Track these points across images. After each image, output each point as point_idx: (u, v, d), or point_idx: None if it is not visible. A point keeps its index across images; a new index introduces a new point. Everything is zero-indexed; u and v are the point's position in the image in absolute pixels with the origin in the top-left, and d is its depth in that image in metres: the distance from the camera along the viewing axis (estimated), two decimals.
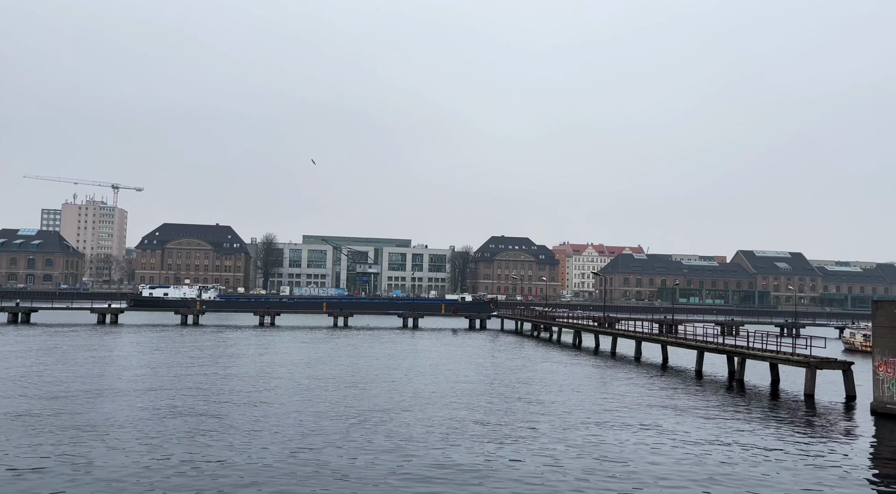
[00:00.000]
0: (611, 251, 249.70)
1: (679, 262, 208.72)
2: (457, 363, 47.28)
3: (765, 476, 19.13)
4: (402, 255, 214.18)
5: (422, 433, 23.48)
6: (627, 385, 37.61)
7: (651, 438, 23.61)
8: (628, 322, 73.19)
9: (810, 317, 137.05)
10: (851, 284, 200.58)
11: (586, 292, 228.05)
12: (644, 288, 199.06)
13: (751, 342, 44.98)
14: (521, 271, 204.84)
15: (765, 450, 22.40)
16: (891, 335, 30.42)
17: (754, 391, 36.97)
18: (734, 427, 26.21)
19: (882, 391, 30.53)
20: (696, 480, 18.52)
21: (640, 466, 19.83)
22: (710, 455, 21.47)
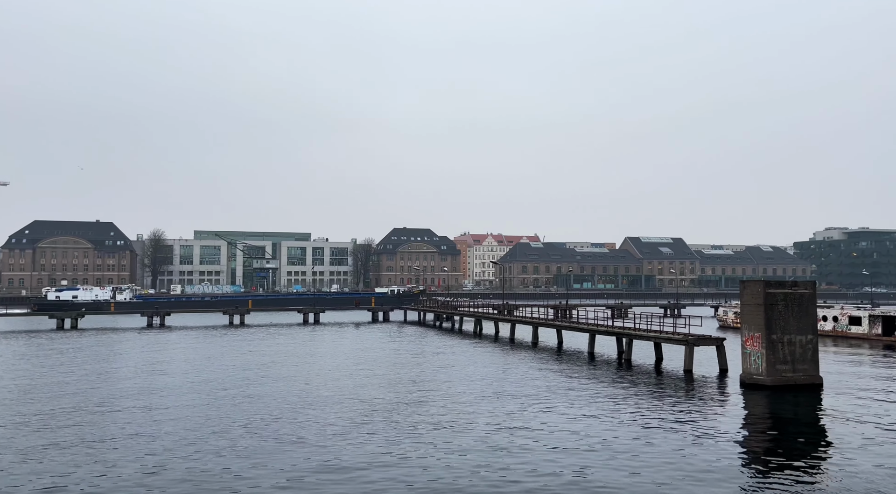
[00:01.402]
0: (509, 241, 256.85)
1: (573, 249, 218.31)
2: (358, 357, 46.90)
3: (647, 445, 20.47)
4: (301, 249, 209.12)
5: (315, 433, 23.08)
6: (525, 369, 38.93)
7: (547, 418, 24.59)
8: (526, 309, 75.70)
9: (690, 298, 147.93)
10: (725, 266, 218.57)
11: (487, 281, 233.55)
12: (541, 275, 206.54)
13: (637, 323, 47.94)
14: (424, 262, 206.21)
15: (647, 422, 23.98)
16: (756, 311, 33.46)
17: (641, 369, 39.43)
18: (622, 403, 27.84)
19: (749, 363, 33.55)
20: (585, 451, 19.51)
21: (537, 445, 20.61)
22: (598, 429, 22.70)
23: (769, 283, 33.81)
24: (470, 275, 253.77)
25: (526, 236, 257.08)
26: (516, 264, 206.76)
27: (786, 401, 29.18)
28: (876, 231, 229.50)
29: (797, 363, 32.77)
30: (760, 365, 32.75)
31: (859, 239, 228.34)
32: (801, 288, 33.86)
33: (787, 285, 33.86)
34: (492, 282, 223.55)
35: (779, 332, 32.67)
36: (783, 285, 33.90)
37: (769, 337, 32.58)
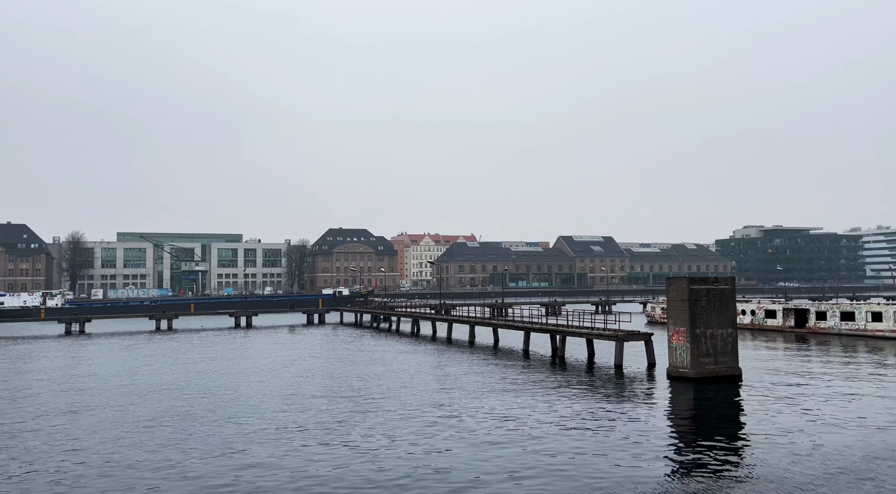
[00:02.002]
0: (446, 241, 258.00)
1: (509, 249, 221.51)
2: (291, 360, 45.94)
3: (579, 439, 21.00)
4: (232, 251, 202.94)
5: (244, 439, 22.46)
6: (463, 368, 39.17)
7: (482, 415, 24.83)
8: (463, 308, 76.23)
9: (620, 295, 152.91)
10: (653, 263, 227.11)
11: (425, 281, 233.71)
12: (478, 274, 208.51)
13: (570, 320, 49.12)
14: (361, 262, 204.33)
15: (579, 417, 24.61)
16: (681, 307, 34.91)
17: (573, 365, 40.42)
18: (555, 399, 28.45)
19: (675, 357, 34.97)
20: (518, 446, 19.82)
21: (472, 442, 20.76)
22: (532, 424, 23.11)
23: (693, 279, 35.34)
24: (407, 275, 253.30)
25: (463, 236, 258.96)
26: (453, 264, 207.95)
27: (708, 392, 30.58)
28: (789, 229, 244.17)
29: (719, 355, 34.41)
30: (685, 358, 34.18)
31: (774, 237, 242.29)
32: (722, 284, 35.58)
33: (710, 282, 35.48)
34: (429, 282, 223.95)
35: (702, 326, 34.21)
36: (706, 281, 35.51)
37: (693, 331, 34.07)
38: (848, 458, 18.86)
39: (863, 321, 57.51)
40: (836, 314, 59.94)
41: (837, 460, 18.70)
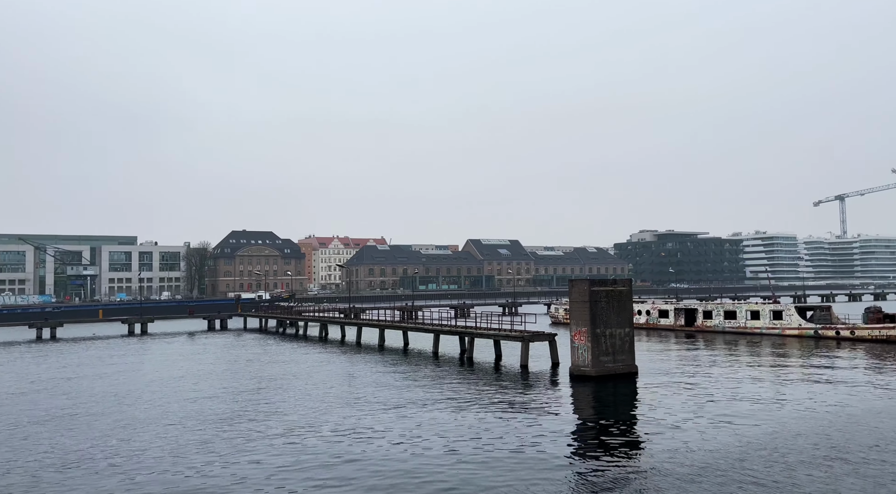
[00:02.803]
0: (356, 243, 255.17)
1: (419, 251, 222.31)
2: (188, 369, 43.77)
3: (486, 439, 21.40)
4: (126, 254, 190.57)
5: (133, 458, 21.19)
6: (372, 372, 38.86)
7: (392, 418, 24.74)
8: (373, 312, 75.67)
9: (526, 296, 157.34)
10: (556, 265, 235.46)
11: (334, 285, 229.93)
12: (388, 278, 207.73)
13: (478, 322, 50.00)
14: (266, 266, 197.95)
15: (486, 417, 25.08)
16: (582, 308, 36.44)
17: (482, 366, 41.14)
18: (463, 399, 28.83)
19: (577, 356, 36.44)
20: (427, 448, 19.92)
21: (381, 446, 20.64)
22: (440, 425, 23.31)
23: (593, 281, 37.00)
24: (315, 279, 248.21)
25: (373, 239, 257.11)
26: (363, 267, 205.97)
27: (608, 389, 32.09)
28: (680, 233, 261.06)
29: (617, 354, 36.20)
30: (587, 357, 35.70)
31: (667, 241, 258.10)
32: (620, 286, 37.49)
33: (609, 284, 37.28)
34: (338, 285, 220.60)
35: (602, 326, 35.87)
36: (605, 283, 37.27)
37: (594, 331, 35.64)
38: (733, 447, 20.39)
39: (743, 319, 62.40)
40: (721, 313, 64.69)
41: (725, 449, 20.16)
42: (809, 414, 24.92)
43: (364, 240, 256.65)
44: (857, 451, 19.30)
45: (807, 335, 56.47)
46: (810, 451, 19.33)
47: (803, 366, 39.34)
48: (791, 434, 21.62)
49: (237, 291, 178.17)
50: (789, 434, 21.56)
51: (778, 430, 22.33)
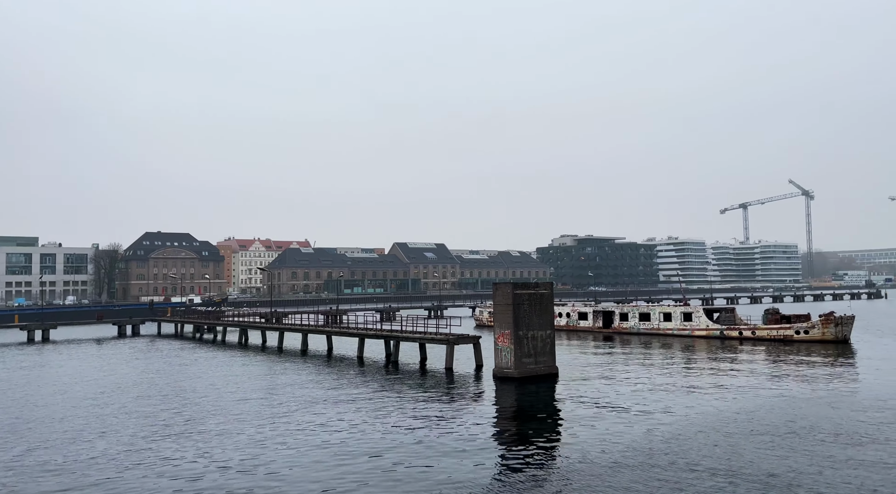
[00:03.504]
0: (279, 246, 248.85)
1: (344, 254, 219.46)
2: (95, 379, 41.33)
3: (409, 441, 21.44)
4: (26, 256, 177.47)
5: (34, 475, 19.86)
6: (294, 378, 38.03)
7: (314, 424, 24.33)
8: (295, 316, 74.07)
9: (451, 299, 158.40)
10: (481, 269, 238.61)
11: (255, 288, 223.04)
12: (312, 281, 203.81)
13: (404, 325, 49.95)
14: (182, 269, 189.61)
15: (410, 419, 25.13)
16: (506, 311, 37.13)
17: (407, 369, 41.13)
18: (388, 403, 28.74)
19: (501, 358, 37.08)
20: (350, 453, 19.75)
21: (304, 452, 20.26)
22: (364, 430, 23.15)
23: (516, 285, 37.80)
24: (235, 282, 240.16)
25: (296, 242, 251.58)
26: (286, 270, 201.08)
27: (530, 390, 32.86)
28: (599, 238, 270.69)
29: (539, 355, 37.12)
30: (509, 359, 36.40)
31: (586, 245, 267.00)
32: (542, 289, 38.48)
33: (531, 287, 38.19)
34: (259, 289, 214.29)
35: (524, 328, 36.68)
36: (527, 286, 38.16)
37: (517, 334, 36.40)
38: (643, 445, 21.37)
39: (657, 321, 65.49)
40: (636, 316, 67.60)
41: (636, 447, 21.10)
42: (712, 411, 26.49)
43: (287, 242, 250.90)
44: (752, 447, 20.67)
45: (713, 336, 59.94)
46: (710, 448, 20.51)
47: (709, 366, 41.74)
48: (694, 431, 22.90)
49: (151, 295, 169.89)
50: (693, 431, 22.83)
51: (684, 428, 23.60)
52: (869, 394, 29.69)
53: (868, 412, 25.60)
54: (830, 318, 54.28)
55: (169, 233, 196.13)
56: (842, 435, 21.74)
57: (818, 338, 53.79)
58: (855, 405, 26.99)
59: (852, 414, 25.16)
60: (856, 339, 55.31)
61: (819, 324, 54.37)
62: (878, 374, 36.23)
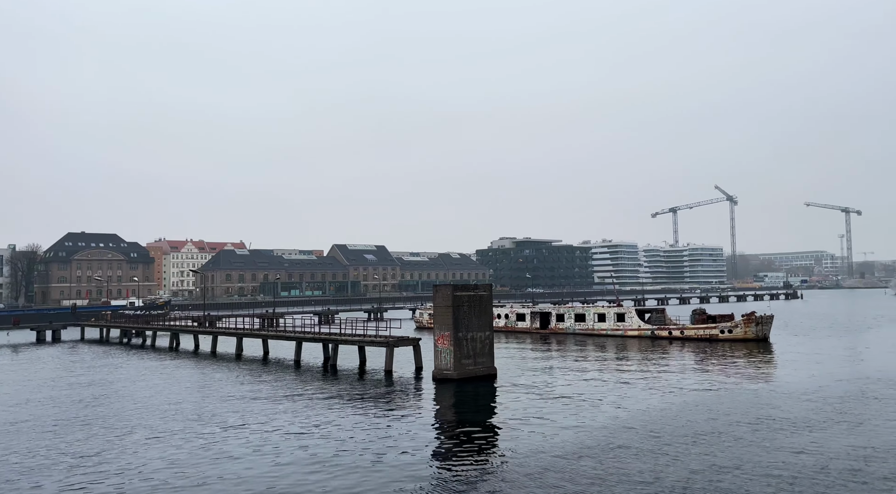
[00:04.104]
0: (212, 247, 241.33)
1: (281, 256, 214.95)
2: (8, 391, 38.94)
3: (349, 443, 21.26)
4: None
5: None
6: (228, 384, 36.99)
7: (249, 430, 23.76)
8: (230, 319, 72.08)
9: (392, 301, 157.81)
10: (422, 271, 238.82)
11: (187, 291, 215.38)
12: (247, 284, 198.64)
13: (343, 328, 49.40)
14: (109, 271, 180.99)
15: (349, 422, 24.93)
16: (446, 312, 37.34)
17: (345, 373, 40.71)
18: (326, 406, 28.40)
19: (440, 360, 37.25)
20: (286, 458, 19.41)
21: (238, 459, 19.76)
22: (300, 435, 22.79)
23: (456, 287, 38.09)
24: (166, 285, 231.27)
25: (231, 243, 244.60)
26: (220, 273, 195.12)
27: (468, 391, 33.17)
28: (536, 241, 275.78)
29: (478, 356, 37.52)
30: (449, 361, 36.62)
31: (525, 247, 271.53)
32: (481, 291, 38.91)
33: (471, 289, 38.56)
34: (192, 292, 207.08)
35: (464, 330, 36.99)
36: (467, 288, 38.50)
37: (456, 335, 36.66)
38: (580, 442, 21.97)
39: (591, 321, 67.32)
40: (572, 316, 69.28)
41: (569, 445, 21.66)
42: (642, 410, 27.50)
43: (221, 244, 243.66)
44: (676, 444, 21.55)
45: (645, 336, 62.14)
46: (637, 446, 21.24)
47: (640, 365, 43.26)
48: (624, 429, 23.70)
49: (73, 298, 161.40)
50: (622, 430, 23.62)
51: (614, 427, 24.41)
52: (785, 390, 31.52)
53: (783, 407, 27.17)
54: (752, 318, 57.24)
55: (94, 233, 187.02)
56: (760, 431, 22.99)
57: (741, 337, 56.63)
58: (772, 401, 28.60)
59: (770, 410, 26.65)
60: (774, 337, 58.55)
61: (741, 324, 57.24)
62: (794, 370, 38.51)
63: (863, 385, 31.90)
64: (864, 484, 16.70)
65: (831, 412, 25.72)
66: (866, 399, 28.29)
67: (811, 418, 24.61)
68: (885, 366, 39.16)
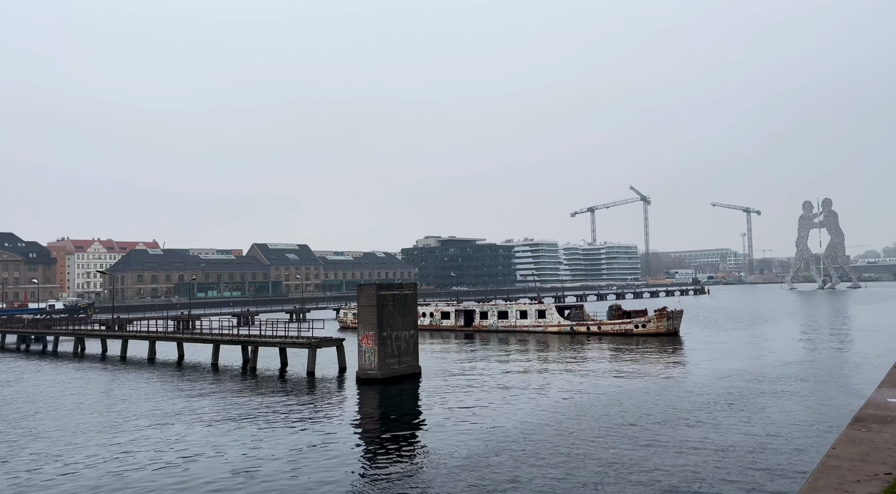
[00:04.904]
0: (122, 247, 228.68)
1: (197, 256, 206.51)
2: None
3: (270, 447, 20.74)
4: None
5: None
6: (139, 390, 35.17)
7: (162, 438, 22.70)
8: (142, 322, 68.62)
9: (315, 302, 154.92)
10: (346, 270, 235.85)
11: (94, 294, 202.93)
12: (161, 285, 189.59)
13: (263, 330, 48.07)
14: (5, 273, 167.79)
15: (269, 426, 24.31)
16: (370, 312, 37.08)
17: (266, 376, 39.65)
18: (245, 411, 27.55)
19: (364, 360, 36.96)
20: (202, 465, 18.70)
21: (151, 468, 18.84)
22: (220, 438, 22.01)
23: (381, 286, 37.91)
24: (71, 287, 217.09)
25: (143, 243, 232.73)
26: (131, 274, 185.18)
27: (393, 391, 33.11)
28: (461, 240, 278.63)
29: (402, 355, 37.50)
30: (373, 361, 36.41)
31: (449, 246, 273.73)
32: (406, 290, 38.91)
33: (395, 288, 38.48)
34: (100, 294, 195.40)
35: (388, 329, 36.87)
36: (391, 287, 38.40)
37: (381, 335, 36.49)
38: (507, 435, 22.40)
39: (514, 318, 68.74)
40: (495, 314, 70.49)
41: (494, 441, 22.06)
42: (559, 405, 28.40)
43: (132, 243, 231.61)
44: (591, 438, 22.39)
45: (565, 332, 64.10)
46: (554, 442, 21.82)
47: (559, 361, 44.61)
48: (541, 423, 24.39)
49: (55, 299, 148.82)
50: (540, 424, 24.31)
51: (533, 423, 25.09)
52: (692, 381, 33.40)
53: (689, 398, 28.78)
54: (663, 313, 60.23)
55: None
56: (668, 422, 24.22)
57: (653, 331, 59.47)
58: (680, 393, 30.23)
59: (678, 401, 28.15)
60: (684, 331, 61.88)
61: (654, 319, 60.11)
62: (700, 363, 40.85)
63: (760, 376, 34.28)
64: (761, 471, 17.93)
65: (731, 402, 27.46)
66: (762, 389, 30.40)
67: (713, 409, 26.18)
68: (780, 357, 42.25)
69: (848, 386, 30.47)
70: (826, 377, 33.37)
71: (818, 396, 28.34)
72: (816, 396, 28.36)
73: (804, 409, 25.62)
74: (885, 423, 10.68)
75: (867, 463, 8.43)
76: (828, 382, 31.95)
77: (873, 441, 9.59)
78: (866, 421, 10.82)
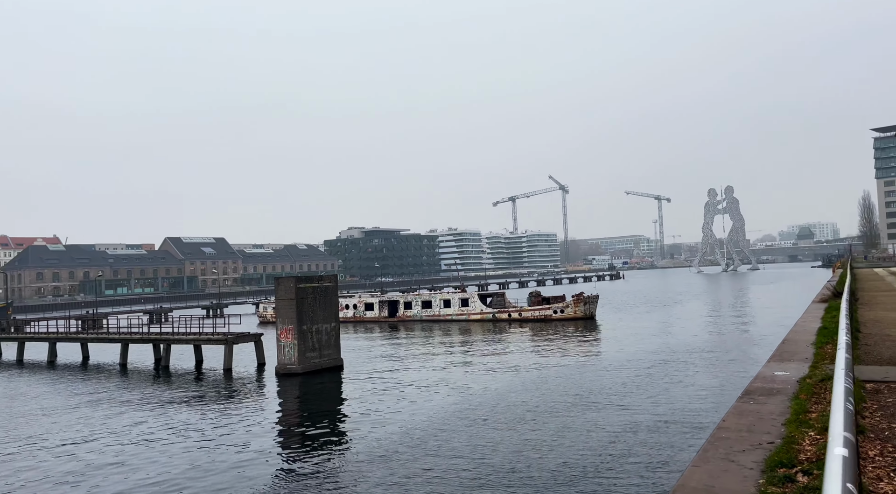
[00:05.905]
0: (18, 243, 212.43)
1: (104, 252, 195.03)
2: None
3: (188, 447, 19.95)
4: None
5: None
6: (38, 395, 32.88)
7: (71, 442, 21.36)
8: (40, 323, 64.19)
9: (233, 297, 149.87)
10: (266, 264, 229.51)
11: None
12: (64, 283, 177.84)
13: (177, 327, 46.09)
14: None
15: (185, 426, 23.39)
16: (289, 306, 36.30)
17: (180, 374, 38.09)
18: (158, 411, 26.38)
19: (283, 354, 36.19)
20: (106, 469, 17.78)
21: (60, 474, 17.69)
22: (133, 441, 20.97)
23: (300, 279, 37.14)
24: None
25: (43, 238, 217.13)
26: (29, 271, 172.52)
27: (314, 385, 32.62)
28: (385, 230, 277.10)
29: (323, 349, 36.98)
30: (293, 355, 35.71)
31: (374, 237, 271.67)
32: (326, 282, 38.33)
33: (315, 280, 37.82)
34: None
35: (308, 323, 36.23)
36: (311, 280, 37.72)
37: (300, 328, 35.81)
38: (424, 426, 22.54)
39: (438, 307, 69.21)
40: (419, 304, 70.71)
41: (414, 433, 22.17)
42: (480, 392, 28.91)
43: (30, 239, 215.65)
44: (507, 425, 22.97)
45: (487, 319, 65.20)
46: (470, 432, 22.15)
47: (481, 348, 45.36)
48: (461, 412, 24.80)
49: None
50: (459, 413, 24.71)
51: (454, 411, 25.43)
52: (605, 364, 34.83)
53: (603, 380, 30.01)
54: (580, 298, 62.37)
55: None
56: (580, 405, 25.16)
57: (571, 316, 61.50)
58: (594, 375, 31.46)
59: (591, 384, 29.29)
60: (600, 315, 64.37)
61: (572, 304, 62.16)
62: (616, 344, 42.66)
63: (667, 357, 36.18)
64: (661, 446, 18.95)
65: (639, 384, 28.84)
66: (668, 370, 32.12)
67: (624, 391, 27.42)
68: (686, 339, 44.77)
69: (745, 362, 32.68)
70: (725, 356, 35.65)
71: (718, 373, 30.24)
72: (717, 373, 30.25)
73: (705, 386, 27.27)
74: (771, 395, 11.49)
75: (753, 434, 9.03)
76: (727, 360, 34.15)
77: (759, 412, 10.30)
78: (754, 394, 11.59)
